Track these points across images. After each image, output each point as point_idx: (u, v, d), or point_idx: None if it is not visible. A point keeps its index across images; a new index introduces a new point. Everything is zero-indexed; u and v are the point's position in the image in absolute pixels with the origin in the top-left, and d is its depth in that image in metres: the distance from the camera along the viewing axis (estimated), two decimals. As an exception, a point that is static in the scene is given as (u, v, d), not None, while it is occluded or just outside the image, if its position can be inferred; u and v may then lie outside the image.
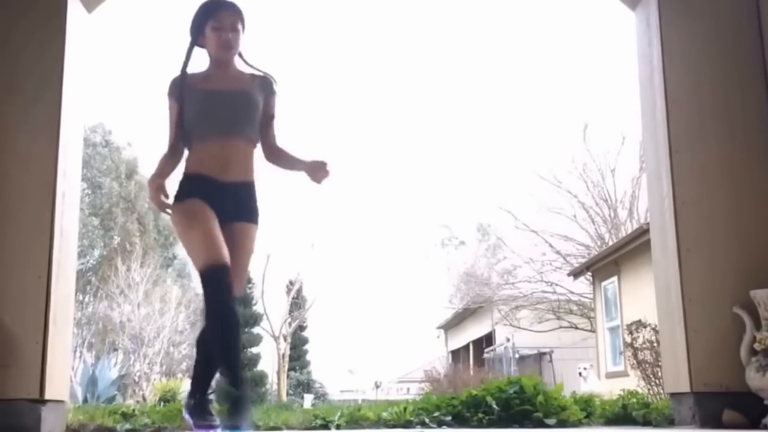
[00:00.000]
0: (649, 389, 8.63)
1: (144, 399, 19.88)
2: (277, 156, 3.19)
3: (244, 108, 3.07)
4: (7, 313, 4.19)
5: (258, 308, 23.98)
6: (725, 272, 4.41)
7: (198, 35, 3.14)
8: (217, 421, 2.88)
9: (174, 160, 3.13)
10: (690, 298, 4.38)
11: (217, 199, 2.97)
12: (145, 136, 51.95)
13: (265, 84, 3.18)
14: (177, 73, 3.13)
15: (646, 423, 4.89)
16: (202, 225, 2.90)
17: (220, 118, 3.04)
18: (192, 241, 2.89)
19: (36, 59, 4.50)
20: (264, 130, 3.17)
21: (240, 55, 3.18)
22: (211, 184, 2.99)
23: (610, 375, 13.52)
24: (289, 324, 25.31)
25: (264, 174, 3.21)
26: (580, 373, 13.54)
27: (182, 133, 3.10)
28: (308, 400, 20.63)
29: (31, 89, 4.47)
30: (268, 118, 3.18)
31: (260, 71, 3.20)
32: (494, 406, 4.97)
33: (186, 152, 3.11)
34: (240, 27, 3.12)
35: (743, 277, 4.33)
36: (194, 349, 3.09)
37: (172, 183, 3.09)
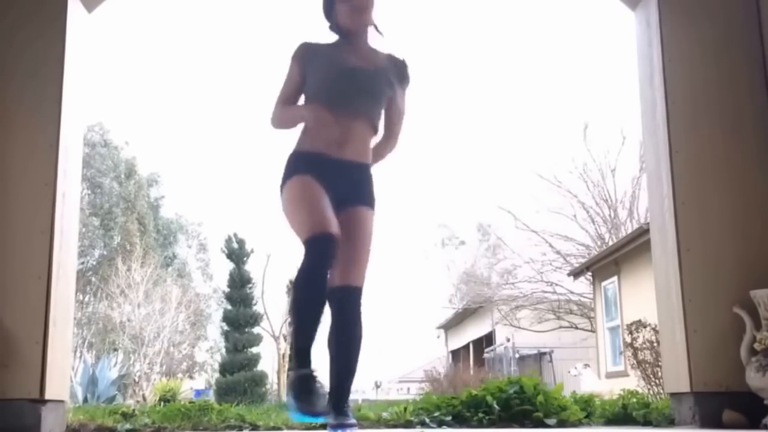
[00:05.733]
0: (649, 389, 8.62)
1: (144, 399, 19.90)
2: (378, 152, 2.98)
3: (370, 88, 2.90)
4: (7, 313, 4.19)
5: (258, 308, 23.96)
6: (725, 272, 4.41)
7: (330, 11, 2.98)
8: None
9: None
10: (690, 298, 4.38)
11: (331, 176, 2.79)
12: (144, 135, 52.01)
13: (400, 70, 3.00)
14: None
15: (646, 423, 4.89)
16: (311, 198, 2.73)
17: (345, 93, 2.85)
18: (300, 214, 2.73)
19: (36, 59, 4.50)
20: (388, 120, 2.99)
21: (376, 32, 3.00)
22: (326, 161, 2.81)
23: (610, 375, 13.52)
24: (290, 324, 25.29)
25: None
26: (574, 375, 13.55)
27: (292, 99, 2.96)
28: (308, 400, 20.56)
29: (31, 89, 4.47)
30: (396, 108, 2.99)
31: (398, 56, 3.01)
32: (494, 406, 4.97)
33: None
34: None
35: (743, 277, 4.33)
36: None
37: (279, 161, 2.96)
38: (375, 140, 3.00)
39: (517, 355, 20.38)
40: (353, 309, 2.81)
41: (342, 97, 2.86)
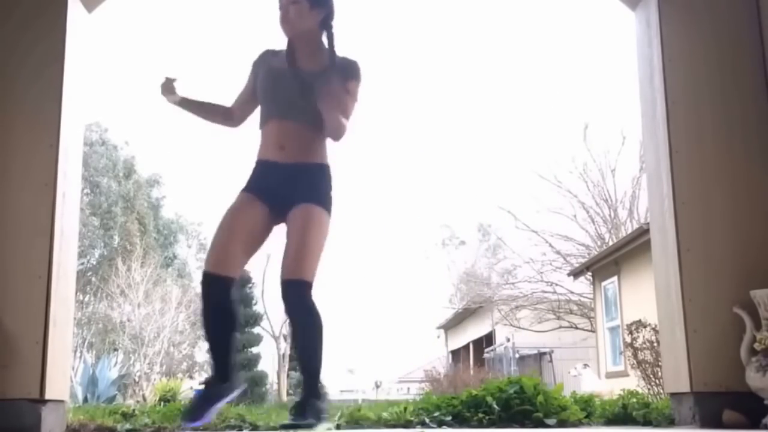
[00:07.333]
0: (649, 389, 8.63)
1: (144, 399, 19.88)
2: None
3: (303, 90, 2.89)
4: (7, 313, 4.19)
5: (258, 308, 23.97)
6: (725, 272, 4.41)
7: None
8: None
9: (222, 115, 3.19)
10: (690, 298, 4.38)
11: (275, 181, 2.90)
12: (142, 134, 51.99)
13: (345, 68, 2.96)
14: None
15: (646, 423, 4.89)
16: (230, 229, 2.88)
17: (280, 98, 2.95)
18: (214, 239, 2.92)
19: (37, 60, 4.50)
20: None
21: (328, 35, 3.00)
22: (271, 166, 2.93)
23: (610, 375, 13.52)
24: (290, 324, 25.31)
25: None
26: (574, 375, 13.54)
27: (245, 105, 3.13)
28: (308, 400, 20.58)
29: (31, 89, 4.47)
30: (329, 92, 2.91)
31: (343, 56, 2.99)
32: (494, 406, 4.97)
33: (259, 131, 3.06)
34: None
35: (743, 277, 4.33)
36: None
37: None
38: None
39: (517, 355, 20.36)
40: (295, 301, 2.86)
41: (276, 102, 2.96)
